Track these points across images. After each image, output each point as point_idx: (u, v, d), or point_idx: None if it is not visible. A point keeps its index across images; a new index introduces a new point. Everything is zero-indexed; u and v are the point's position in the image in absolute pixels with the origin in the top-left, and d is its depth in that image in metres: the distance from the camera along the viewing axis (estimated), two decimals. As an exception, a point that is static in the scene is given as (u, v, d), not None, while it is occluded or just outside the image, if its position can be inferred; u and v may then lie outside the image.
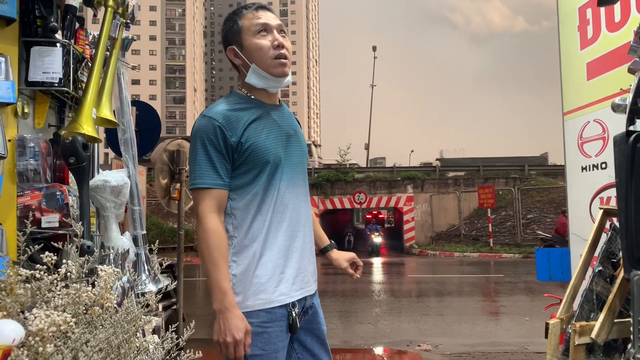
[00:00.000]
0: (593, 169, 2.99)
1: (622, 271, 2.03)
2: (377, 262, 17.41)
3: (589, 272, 2.36)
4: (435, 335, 6.47)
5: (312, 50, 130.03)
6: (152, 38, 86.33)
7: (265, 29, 1.75)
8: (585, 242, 2.46)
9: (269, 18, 1.78)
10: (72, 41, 1.93)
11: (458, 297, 9.88)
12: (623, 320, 2.04)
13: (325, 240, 2.11)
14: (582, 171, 3.08)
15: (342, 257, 2.10)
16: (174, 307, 5.61)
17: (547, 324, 2.27)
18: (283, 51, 1.75)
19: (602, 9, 2.92)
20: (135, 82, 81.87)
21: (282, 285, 1.71)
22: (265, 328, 1.68)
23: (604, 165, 2.89)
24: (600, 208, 2.44)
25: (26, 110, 1.78)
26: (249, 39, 1.76)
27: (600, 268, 2.25)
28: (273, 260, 1.71)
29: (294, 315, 1.72)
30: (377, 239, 21.01)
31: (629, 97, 1.93)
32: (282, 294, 1.71)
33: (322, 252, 2.10)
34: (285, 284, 1.72)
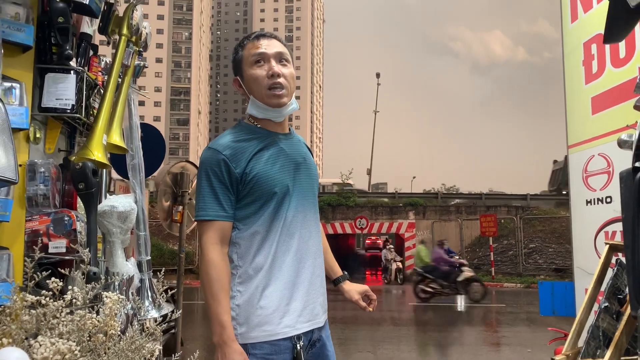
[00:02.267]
0: (598, 203, 2.99)
1: (629, 308, 2.02)
2: (377, 289, 17.28)
3: (595, 308, 2.35)
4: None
5: (316, 76, 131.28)
6: (159, 60, 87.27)
7: (262, 58, 1.75)
8: (589, 276, 2.46)
9: (268, 46, 1.76)
10: (86, 68, 1.96)
11: (459, 326, 9.78)
12: (630, 358, 2.02)
13: (338, 271, 2.07)
14: (587, 204, 3.08)
15: (354, 289, 2.05)
16: (172, 331, 5.57)
17: (552, 360, 2.25)
18: (278, 80, 1.73)
19: (607, 45, 2.96)
20: (141, 103, 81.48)
21: (287, 317, 1.69)
22: None
23: (609, 200, 2.90)
24: (606, 243, 2.43)
25: (38, 136, 1.80)
26: (247, 69, 1.77)
27: (606, 304, 2.23)
28: (279, 292, 1.69)
29: (298, 348, 1.69)
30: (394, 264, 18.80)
31: (635, 133, 1.94)
32: (287, 326, 1.68)
33: (333, 283, 2.06)
34: (291, 316, 1.70)
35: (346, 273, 2.08)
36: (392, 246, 18.62)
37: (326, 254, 1.98)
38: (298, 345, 1.69)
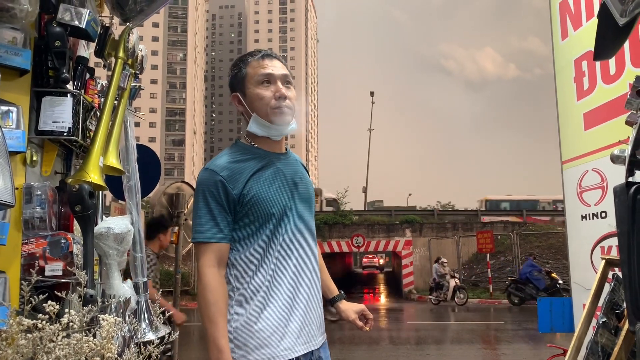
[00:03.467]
0: (593, 218, 3.01)
1: (627, 323, 2.02)
2: (375, 308, 17.16)
3: (593, 323, 2.35)
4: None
5: (311, 95, 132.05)
6: (154, 81, 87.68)
7: (269, 79, 1.75)
8: (586, 291, 2.46)
9: (274, 68, 1.77)
10: (82, 91, 1.97)
11: (458, 344, 9.72)
12: (629, 373, 2.01)
13: (334, 290, 2.05)
14: (582, 220, 3.10)
15: (350, 308, 2.01)
16: (169, 353, 5.51)
17: (552, 377, 2.24)
18: (284, 102, 1.75)
19: (597, 62, 3.00)
20: (136, 124, 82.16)
21: (285, 340, 1.67)
22: None
23: (604, 214, 2.91)
24: (603, 258, 2.44)
25: (35, 159, 1.80)
26: (251, 87, 1.76)
27: (604, 319, 2.23)
28: (277, 314, 1.68)
29: None
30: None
31: (628, 148, 1.96)
32: (286, 348, 1.67)
33: (330, 302, 2.04)
34: (290, 338, 1.68)
35: (342, 292, 2.06)
36: (445, 260, 17.18)
37: (322, 273, 1.97)
38: None
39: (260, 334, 1.65)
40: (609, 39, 2.02)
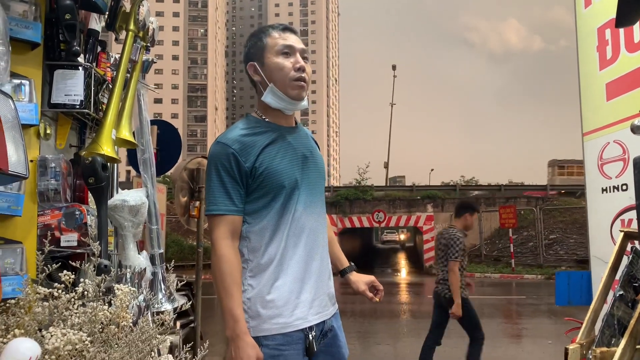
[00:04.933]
0: (613, 191, 2.94)
1: (644, 296, 1.99)
2: (396, 282, 17.23)
3: (610, 296, 2.32)
4: (456, 358, 6.34)
5: (332, 70, 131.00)
6: (175, 58, 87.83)
7: (290, 51, 1.76)
8: (606, 265, 2.42)
9: (295, 41, 1.78)
10: (94, 64, 1.98)
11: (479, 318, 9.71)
12: (645, 346, 1.99)
13: (344, 262, 2.07)
14: (603, 192, 3.04)
15: (360, 279, 2.03)
16: (192, 325, 5.63)
17: (566, 350, 2.22)
18: (304, 74, 1.75)
19: (621, 30, 2.90)
20: (158, 101, 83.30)
21: (298, 310, 1.70)
22: (281, 351, 1.67)
23: (624, 187, 2.85)
24: (621, 231, 2.40)
25: (48, 132, 1.83)
26: (271, 57, 1.76)
27: (621, 292, 2.20)
28: (289, 284, 1.70)
29: (310, 338, 1.71)
30: None
31: (649, 118, 1.91)
32: (299, 318, 1.70)
33: (341, 274, 2.06)
34: (302, 309, 1.71)
35: (352, 264, 2.07)
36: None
37: (333, 245, 1.99)
38: (310, 335, 1.71)
39: (273, 304, 1.68)
40: (632, 4, 1.94)
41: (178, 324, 5.32)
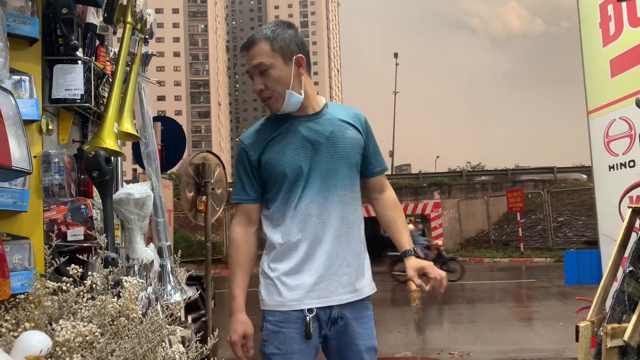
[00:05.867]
0: (621, 168, 2.92)
1: (654, 271, 1.98)
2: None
3: (620, 273, 2.30)
4: (467, 343, 6.37)
5: (334, 60, 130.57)
6: (176, 54, 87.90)
7: (250, 74, 1.84)
8: (615, 243, 2.40)
9: (249, 61, 1.82)
10: (93, 58, 1.98)
11: (489, 303, 9.72)
12: (656, 321, 1.97)
13: (402, 246, 1.95)
14: (610, 170, 3.02)
15: (410, 265, 1.88)
16: (204, 319, 5.67)
17: (577, 327, 2.21)
18: (263, 95, 1.82)
19: (624, 5, 2.87)
20: (161, 98, 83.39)
21: (295, 292, 1.80)
22: (280, 328, 1.79)
23: (632, 164, 2.83)
24: (629, 207, 2.38)
25: (50, 127, 1.83)
26: None
27: (631, 268, 2.19)
28: (286, 267, 1.82)
29: (307, 320, 1.77)
30: None
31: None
32: (294, 299, 1.79)
33: (401, 260, 1.95)
34: (299, 291, 1.79)
35: (412, 249, 1.92)
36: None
37: (393, 229, 1.99)
38: (308, 317, 1.77)
39: (271, 282, 1.83)
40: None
41: (189, 318, 5.37)
